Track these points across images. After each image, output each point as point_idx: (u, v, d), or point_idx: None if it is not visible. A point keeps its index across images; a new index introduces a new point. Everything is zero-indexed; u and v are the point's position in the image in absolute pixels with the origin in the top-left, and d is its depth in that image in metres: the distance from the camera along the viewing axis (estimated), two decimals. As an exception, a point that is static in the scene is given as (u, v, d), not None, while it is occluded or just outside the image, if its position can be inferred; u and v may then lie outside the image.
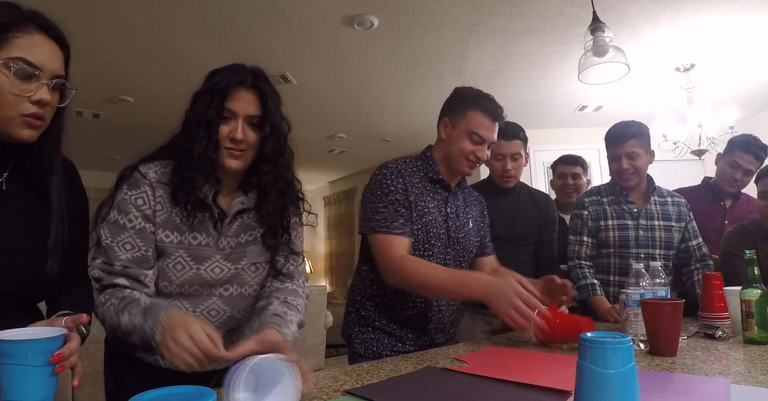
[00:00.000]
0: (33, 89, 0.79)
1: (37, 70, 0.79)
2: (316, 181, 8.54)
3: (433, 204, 1.41)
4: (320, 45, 3.15)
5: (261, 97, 1.04)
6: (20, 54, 0.77)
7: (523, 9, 2.75)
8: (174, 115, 1.10)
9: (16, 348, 0.66)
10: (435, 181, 1.44)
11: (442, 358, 1.10)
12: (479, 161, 1.41)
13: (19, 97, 0.78)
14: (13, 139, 0.81)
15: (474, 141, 1.39)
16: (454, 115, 1.43)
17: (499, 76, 3.71)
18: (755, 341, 1.19)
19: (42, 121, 0.82)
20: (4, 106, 0.77)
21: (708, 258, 1.83)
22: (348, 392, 0.83)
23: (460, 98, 1.44)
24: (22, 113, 0.79)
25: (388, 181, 1.35)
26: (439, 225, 1.39)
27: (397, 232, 1.31)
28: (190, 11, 2.69)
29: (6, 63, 0.76)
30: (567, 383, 0.82)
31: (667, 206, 1.83)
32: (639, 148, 1.77)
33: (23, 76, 0.78)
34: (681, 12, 2.81)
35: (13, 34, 0.78)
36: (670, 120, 3.75)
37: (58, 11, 0.85)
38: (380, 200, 1.34)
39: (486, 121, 1.39)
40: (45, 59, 0.80)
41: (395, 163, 1.40)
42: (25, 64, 0.78)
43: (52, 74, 0.81)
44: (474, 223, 1.53)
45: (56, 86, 0.83)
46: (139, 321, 0.87)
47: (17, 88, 0.77)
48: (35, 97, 0.79)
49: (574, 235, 1.87)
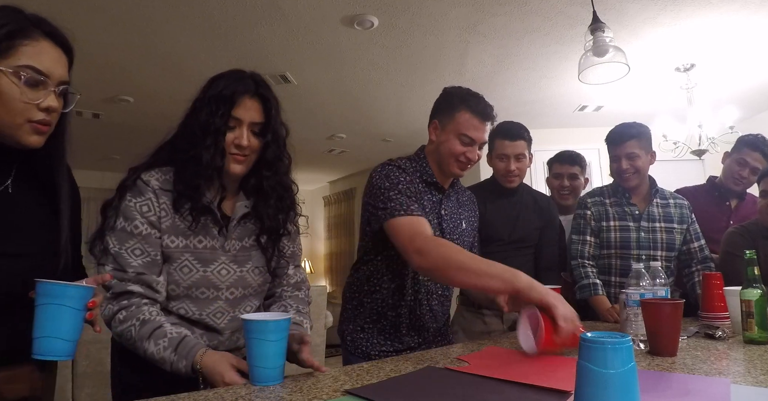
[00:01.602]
0: (41, 96, 0.81)
1: (44, 78, 0.81)
2: (316, 181, 8.53)
3: (428, 206, 1.41)
4: (320, 45, 3.15)
5: (265, 105, 1.06)
6: (28, 62, 0.79)
7: (523, 9, 2.75)
8: (174, 115, 1.10)
9: (61, 290, 0.78)
10: (429, 184, 1.43)
11: (443, 358, 1.10)
12: (470, 162, 1.40)
13: (28, 104, 0.79)
14: (21, 144, 0.83)
15: (464, 142, 1.37)
16: (443, 116, 1.42)
17: (499, 76, 3.71)
18: (755, 341, 1.19)
19: (49, 126, 0.84)
20: (13, 113, 0.79)
21: (709, 261, 1.82)
22: (348, 392, 0.83)
23: (449, 99, 1.42)
24: (30, 120, 0.81)
25: (395, 174, 1.34)
26: (433, 227, 1.38)
27: (417, 213, 1.25)
28: (190, 11, 2.69)
29: (15, 71, 0.78)
30: (567, 383, 0.82)
31: (669, 208, 1.83)
32: (639, 148, 1.78)
33: (32, 84, 0.79)
34: (681, 12, 2.81)
35: (21, 42, 0.79)
36: (670, 120, 3.74)
37: (58, 11, 0.86)
38: (391, 189, 1.30)
39: (475, 121, 1.37)
40: (52, 66, 0.81)
41: (395, 162, 1.40)
42: (33, 72, 0.79)
43: (58, 80, 0.83)
44: (467, 224, 1.53)
45: (62, 92, 0.84)
46: (169, 356, 0.93)
47: (26, 95, 0.79)
48: (44, 105, 0.81)
49: (577, 234, 1.87)
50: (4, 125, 0.80)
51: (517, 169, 1.84)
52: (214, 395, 0.83)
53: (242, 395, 0.83)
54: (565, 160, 2.37)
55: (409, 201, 1.28)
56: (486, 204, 1.88)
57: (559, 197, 2.36)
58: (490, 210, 1.88)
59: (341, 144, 5.76)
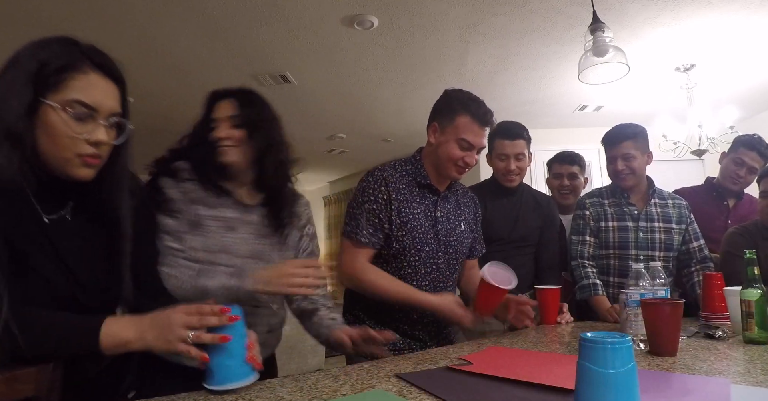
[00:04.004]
0: (89, 130, 0.80)
1: (93, 111, 0.80)
2: (316, 181, 8.53)
3: (420, 210, 1.41)
4: (320, 45, 3.15)
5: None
6: (77, 96, 0.78)
7: (523, 9, 2.75)
8: (174, 115, 1.11)
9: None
10: (423, 186, 1.44)
11: (444, 358, 1.10)
12: (468, 167, 1.41)
13: (76, 138, 0.79)
14: (71, 177, 0.82)
15: (462, 147, 1.38)
16: (443, 119, 1.42)
17: (499, 76, 3.71)
18: (755, 341, 1.19)
19: (99, 159, 0.83)
20: (61, 147, 0.79)
21: (709, 261, 1.83)
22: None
23: (449, 102, 1.42)
24: (79, 153, 0.80)
25: (370, 190, 1.38)
26: (425, 230, 1.40)
27: (364, 241, 1.36)
28: (190, 11, 2.69)
29: (63, 106, 0.78)
30: (570, 381, 0.82)
31: (667, 208, 1.83)
32: (634, 149, 1.78)
33: (80, 118, 0.79)
34: (681, 12, 2.81)
35: (70, 75, 0.78)
36: (670, 120, 3.75)
37: (58, 11, 0.85)
38: (358, 207, 1.38)
39: (475, 126, 1.37)
40: (101, 99, 0.81)
41: (382, 171, 1.41)
42: (81, 106, 0.79)
43: (108, 113, 0.82)
44: (466, 225, 1.53)
45: (112, 124, 0.84)
46: (232, 283, 1.06)
47: (74, 130, 0.79)
48: (92, 139, 0.80)
49: (576, 235, 1.87)
50: (54, 158, 0.80)
51: (517, 168, 1.85)
52: (214, 395, 0.83)
53: (242, 395, 0.84)
54: (564, 160, 2.39)
55: (366, 224, 1.36)
56: (486, 204, 1.88)
57: (560, 197, 2.38)
58: (491, 210, 1.88)
59: (341, 144, 5.76)
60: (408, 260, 1.39)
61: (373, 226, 1.36)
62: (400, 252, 1.38)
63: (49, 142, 0.79)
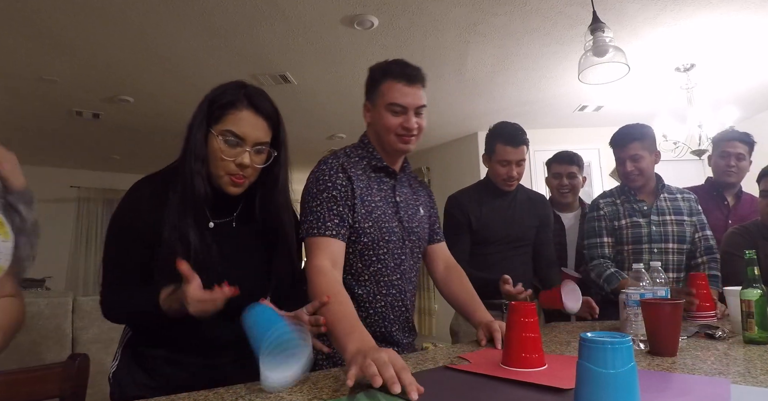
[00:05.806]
0: (237, 154, 1.03)
1: (240, 140, 1.03)
2: (316, 181, 8.52)
3: (381, 196, 1.31)
4: (320, 45, 3.15)
5: None
6: (230, 127, 1.02)
7: (523, 9, 2.75)
8: (174, 115, 1.11)
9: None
10: (379, 169, 1.34)
11: (443, 358, 1.10)
12: (410, 132, 1.27)
13: (226, 161, 1.03)
14: (224, 192, 1.06)
15: (395, 111, 1.26)
16: (371, 94, 1.33)
17: (499, 76, 3.71)
18: (755, 341, 1.19)
19: (244, 179, 1.05)
20: (216, 166, 1.04)
21: (715, 251, 1.86)
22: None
23: (372, 75, 1.34)
24: (228, 173, 1.04)
25: (326, 177, 1.24)
26: (390, 218, 1.30)
27: (329, 234, 1.19)
28: (190, 11, 2.69)
29: (220, 134, 1.02)
30: (570, 381, 0.82)
31: (677, 202, 1.88)
32: (642, 150, 1.82)
33: (231, 145, 1.03)
34: (681, 12, 2.81)
35: (229, 111, 1.03)
36: (670, 120, 3.74)
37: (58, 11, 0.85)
38: (315, 198, 1.22)
39: (399, 86, 1.26)
40: (248, 131, 1.03)
41: (335, 157, 1.30)
42: (232, 135, 1.03)
43: (254, 142, 1.05)
44: (425, 209, 1.45)
45: (258, 151, 1.06)
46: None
47: (225, 153, 1.02)
48: (237, 161, 1.03)
49: (594, 238, 1.90)
50: (214, 176, 1.05)
51: (517, 173, 1.85)
52: (214, 395, 0.83)
53: (242, 395, 0.83)
54: (562, 160, 2.42)
55: (330, 214, 1.20)
56: (481, 207, 1.87)
57: (560, 195, 2.41)
58: (486, 212, 1.87)
59: (341, 144, 5.74)
60: (377, 254, 1.28)
61: (338, 216, 1.21)
62: (369, 246, 1.27)
63: (212, 162, 1.04)
